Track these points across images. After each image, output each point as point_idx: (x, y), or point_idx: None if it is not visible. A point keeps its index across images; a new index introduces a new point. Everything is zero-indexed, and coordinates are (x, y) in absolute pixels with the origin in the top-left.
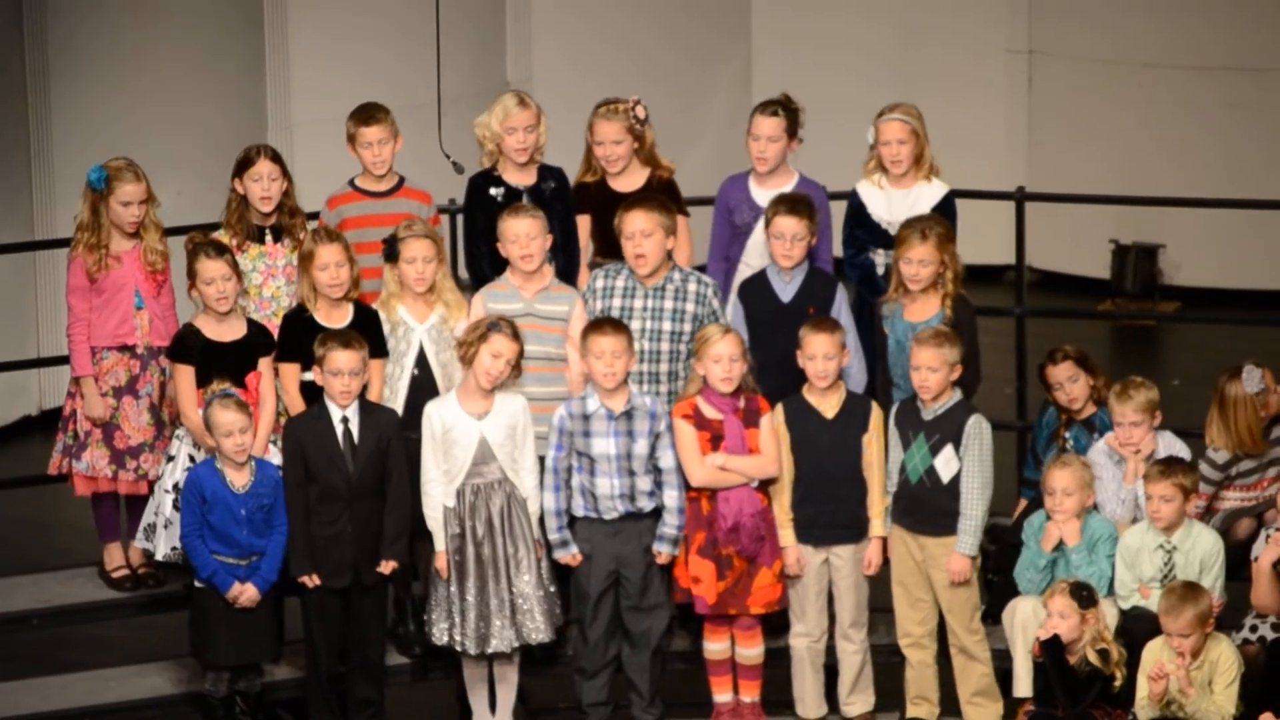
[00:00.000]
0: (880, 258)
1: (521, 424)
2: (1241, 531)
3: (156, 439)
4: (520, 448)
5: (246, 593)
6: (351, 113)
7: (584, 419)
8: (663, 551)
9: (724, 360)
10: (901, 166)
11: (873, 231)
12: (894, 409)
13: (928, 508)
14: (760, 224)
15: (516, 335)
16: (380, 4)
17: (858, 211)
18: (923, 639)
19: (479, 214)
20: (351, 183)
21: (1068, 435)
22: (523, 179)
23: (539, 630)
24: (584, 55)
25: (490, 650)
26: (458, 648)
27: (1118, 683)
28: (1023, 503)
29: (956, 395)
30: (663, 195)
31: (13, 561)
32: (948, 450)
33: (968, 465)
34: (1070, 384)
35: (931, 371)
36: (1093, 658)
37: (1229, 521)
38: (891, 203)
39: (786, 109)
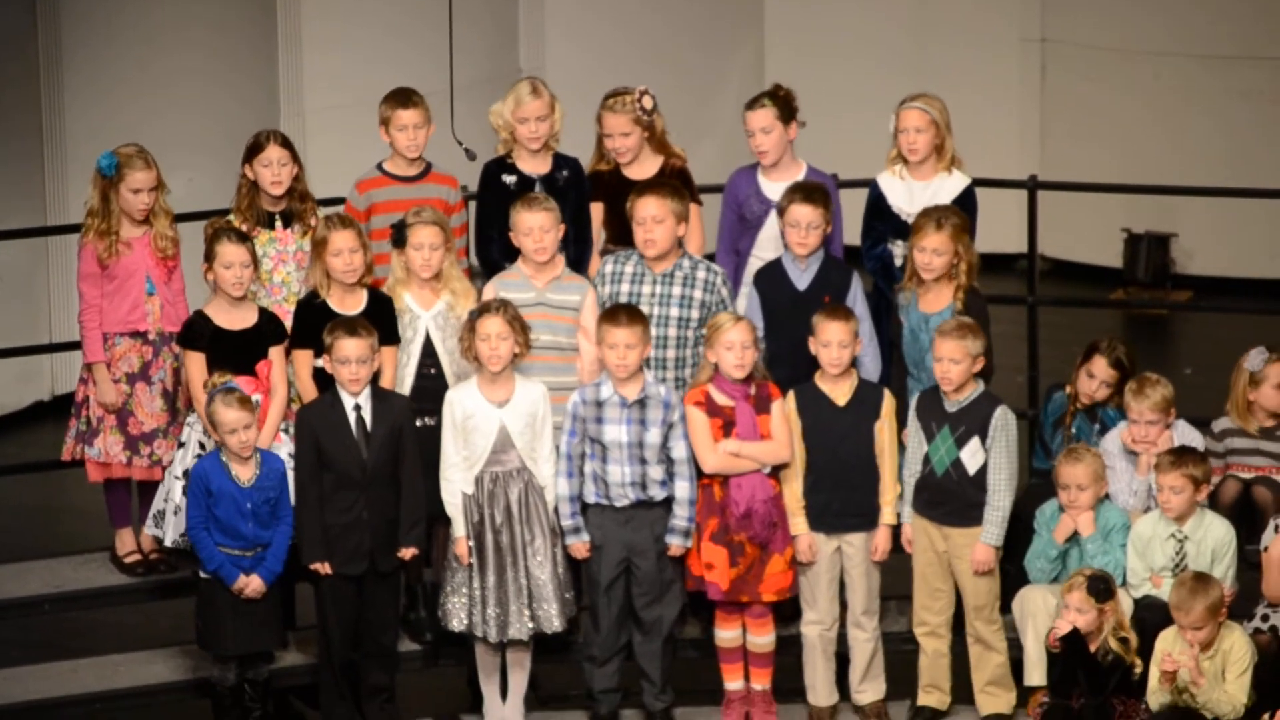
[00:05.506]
0: (899, 249)
1: (541, 412)
2: (1228, 495)
3: (170, 424)
4: (539, 436)
5: (252, 584)
6: (386, 96)
7: (597, 405)
8: (674, 544)
9: (736, 347)
10: (918, 154)
11: (892, 223)
12: (915, 399)
13: (954, 500)
14: (773, 216)
15: (500, 308)
16: None
17: (877, 203)
18: (939, 628)
19: (491, 200)
20: (380, 167)
21: (1072, 426)
22: (537, 167)
23: (553, 619)
24: (597, 42)
25: (510, 637)
26: (478, 633)
27: (1137, 670)
28: None
29: (980, 387)
30: (676, 182)
31: (25, 546)
32: (974, 443)
33: (994, 458)
34: (1104, 386)
35: (954, 363)
36: (1115, 645)
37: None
38: (912, 194)
39: (773, 97)
